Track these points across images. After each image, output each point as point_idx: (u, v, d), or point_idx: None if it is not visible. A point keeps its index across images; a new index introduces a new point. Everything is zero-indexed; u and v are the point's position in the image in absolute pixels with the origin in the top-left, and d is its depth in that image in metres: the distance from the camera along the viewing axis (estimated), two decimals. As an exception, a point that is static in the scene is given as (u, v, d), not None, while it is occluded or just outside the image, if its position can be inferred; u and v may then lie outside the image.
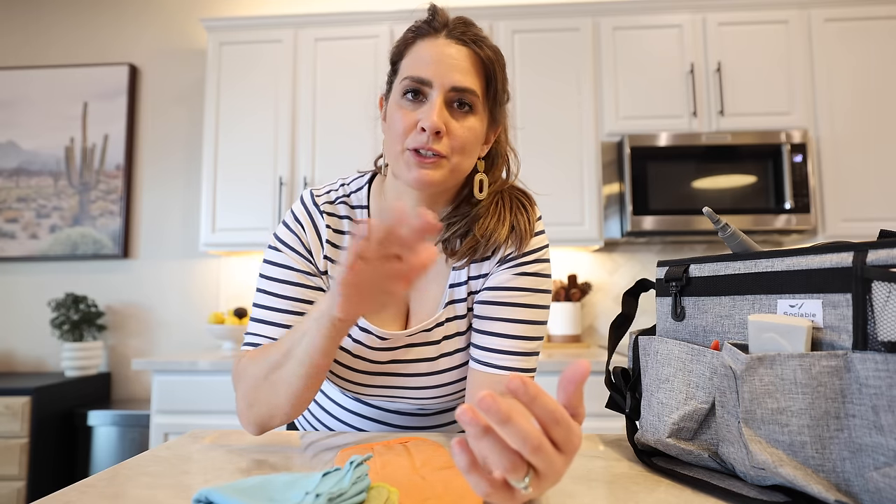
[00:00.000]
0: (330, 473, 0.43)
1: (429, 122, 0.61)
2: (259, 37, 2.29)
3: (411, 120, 0.63)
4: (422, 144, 0.62)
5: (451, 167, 0.65)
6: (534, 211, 0.74)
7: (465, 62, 0.64)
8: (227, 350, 2.15)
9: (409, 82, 0.64)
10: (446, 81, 0.63)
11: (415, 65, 0.64)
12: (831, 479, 0.42)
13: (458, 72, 0.63)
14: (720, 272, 0.55)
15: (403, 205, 0.44)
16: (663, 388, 0.57)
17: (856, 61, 2.14)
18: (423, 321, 0.73)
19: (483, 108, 0.67)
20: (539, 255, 0.72)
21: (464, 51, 0.65)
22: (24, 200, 2.54)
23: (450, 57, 0.64)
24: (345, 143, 2.22)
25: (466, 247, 0.70)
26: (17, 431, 1.98)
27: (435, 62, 0.63)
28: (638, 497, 0.48)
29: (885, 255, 0.41)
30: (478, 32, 0.66)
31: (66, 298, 2.32)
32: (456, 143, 0.64)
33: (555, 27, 2.22)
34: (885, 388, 0.39)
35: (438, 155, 0.63)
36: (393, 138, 0.65)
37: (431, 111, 0.62)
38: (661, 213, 2.06)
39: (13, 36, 2.66)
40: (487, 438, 0.34)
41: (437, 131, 0.62)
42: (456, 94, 0.64)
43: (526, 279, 0.70)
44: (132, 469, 0.55)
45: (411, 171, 0.63)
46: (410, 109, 0.64)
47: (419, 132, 0.62)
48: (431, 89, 0.63)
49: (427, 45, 0.65)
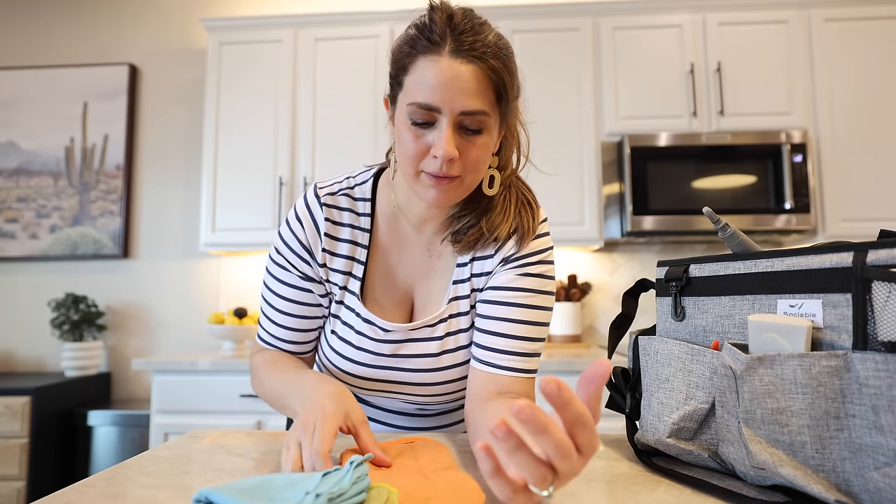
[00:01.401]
0: (330, 473, 0.43)
1: (442, 151, 0.60)
2: (259, 37, 2.29)
3: (423, 145, 0.62)
4: (436, 171, 0.62)
5: (467, 185, 0.65)
6: (538, 211, 0.74)
7: (473, 82, 0.60)
8: (227, 350, 2.15)
9: (415, 109, 0.61)
10: (456, 107, 0.60)
11: (420, 89, 0.61)
12: (831, 479, 0.42)
13: (466, 95, 0.60)
14: (720, 272, 0.55)
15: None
16: (663, 388, 0.57)
17: (856, 61, 2.14)
18: (426, 316, 0.73)
19: (494, 120, 0.64)
20: (543, 256, 0.72)
21: (470, 69, 0.60)
22: (24, 200, 2.54)
23: (456, 80, 0.59)
24: (345, 143, 2.22)
25: (471, 237, 0.71)
26: (17, 431, 1.98)
27: (441, 87, 0.59)
28: (638, 497, 0.48)
29: (885, 255, 0.41)
30: (484, 40, 0.61)
31: (66, 298, 2.32)
32: (469, 164, 0.63)
33: (555, 27, 2.22)
34: (885, 388, 0.39)
35: (453, 178, 0.63)
36: (405, 158, 0.64)
37: (442, 140, 0.60)
38: (661, 213, 2.06)
39: (13, 36, 2.66)
40: (521, 452, 0.34)
41: (451, 158, 0.61)
42: (466, 118, 0.61)
43: (530, 280, 0.70)
44: (132, 469, 0.55)
45: (428, 192, 0.64)
46: (421, 133, 0.62)
47: (432, 158, 0.62)
48: (440, 115, 0.60)
49: (430, 66, 0.60)
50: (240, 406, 1.89)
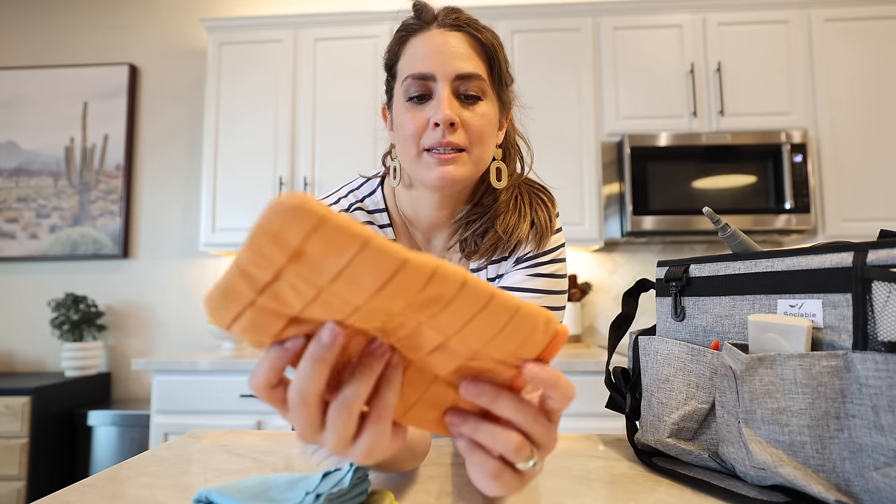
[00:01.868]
0: (330, 474, 0.43)
1: (441, 115, 0.59)
2: (259, 37, 2.29)
3: (422, 119, 0.61)
4: (438, 141, 0.60)
5: (473, 160, 0.62)
6: (554, 207, 0.72)
7: (464, 47, 0.62)
8: (227, 350, 2.15)
9: (411, 81, 0.61)
10: (449, 71, 0.60)
11: (413, 62, 0.62)
12: (831, 479, 0.42)
13: (459, 59, 0.61)
14: (720, 272, 0.55)
15: None
16: (663, 388, 0.57)
17: (856, 61, 2.14)
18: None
19: (492, 91, 0.64)
20: (555, 254, 0.71)
21: (460, 36, 0.62)
22: (24, 200, 2.54)
23: (447, 45, 0.61)
24: (345, 143, 2.22)
25: (488, 244, 0.68)
26: (17, 431, 1.98)
27: (433, 54, 0.60)
28: (638, 497, 0.48)
29: (885, 255, 0.41)
30: (469, 16, 0.64)
31: (66, 298, 2.32)
32: (473, 133, 0.61)
33: (555, 27, 2.22)
34: (885, 388, 0.39)
35: (458, 149, 0.61)
36: (405, 143, 0.62)
37: (441, 104, 0.59)
38: (661, 213, 2.06)
39: (13, 36, 2.66)
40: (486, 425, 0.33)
41: (452, 123, 0.59)
42: (462, 83, 0.61)
43: (541, 280, 0.69)
44: (132, 469, 0.55)
45: (432, 170, 0.61)
46: (419, 109, 0.61)
47: (432, 129, 0.60)
48: (436, 83, 0.60)
49: (421, 40, 0.62)
50: (240, 406, 1.89)
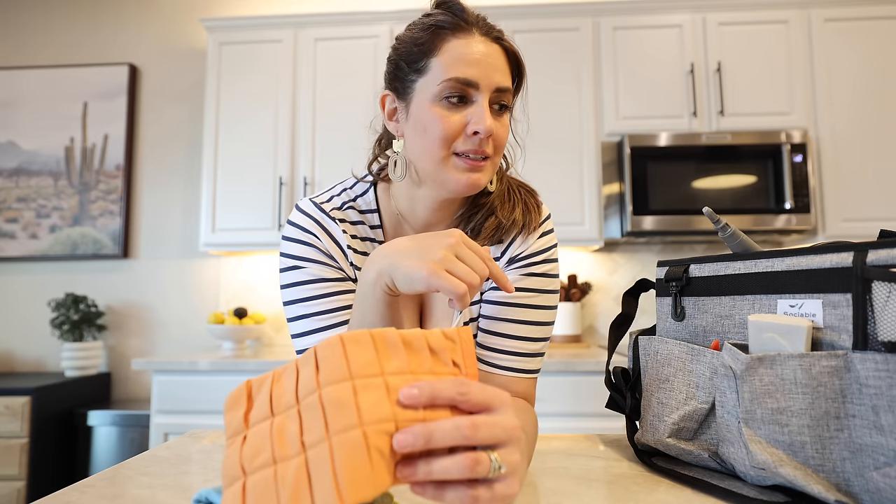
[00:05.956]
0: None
1: (483, 126, 0.60)
2: (259, 37, 2.29)
3: (457, 123, 0.61)
4: (474, 149, 0.62)
5: (493, 167, 0.66)
6: (541, 207, 0.74)
7: (502, 60, 0.64)
8: (227, 350, 2.15)
9: (453, 84, 0.61)
10: (492, 83, 0.62)
11: (456, 65, 0.61)
12: (831, 479, 0.42)
13: (499, 72, 0.63)
14: (720, 272, 0.55)
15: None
16: (663, 388, 0.57)
17: (856, 61, 2.14)
18: (437, 324, 0.72)
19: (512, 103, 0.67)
20: (548, 255, 0.72)
21: (497, 48, 0.64)
22: (24, 200, 2.54)
23: (490, 56, 0.62)
24: (345, 143, 2.22)
25: (490, 228, 0.70)
26: (17, 431, 1.98)
27: (480, 62, 0.61)
28: (638, 497, 0.48)
29: (885, 255, 0.41)
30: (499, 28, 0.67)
31: (66, 298, 2.32)
32: (498, 143, 0.64)
33: (555, 27, 2.22)
34: (885, 388, 0.39)
35: (486, 157, 0.63)
36: (432, 143, 0.62)
37: (483, 115, 0.61)
38: (661, 213, 2.06)
39: (13, 36, 2.66)
40: (435, 462, 0.32)
41: (490, 134, 0.62)
42: (498, 95, 0.63)
43: (534, 280, 0.70)
44: (132, 469, 0.55)
45: (461, 175, 0.62)
46: (453, 112, 0.62)
47: (469, 136, 0.61)
48: (477, 91, 0.61)
49: (465, 44, 0.62)
50: (240, 406, 1.89)
